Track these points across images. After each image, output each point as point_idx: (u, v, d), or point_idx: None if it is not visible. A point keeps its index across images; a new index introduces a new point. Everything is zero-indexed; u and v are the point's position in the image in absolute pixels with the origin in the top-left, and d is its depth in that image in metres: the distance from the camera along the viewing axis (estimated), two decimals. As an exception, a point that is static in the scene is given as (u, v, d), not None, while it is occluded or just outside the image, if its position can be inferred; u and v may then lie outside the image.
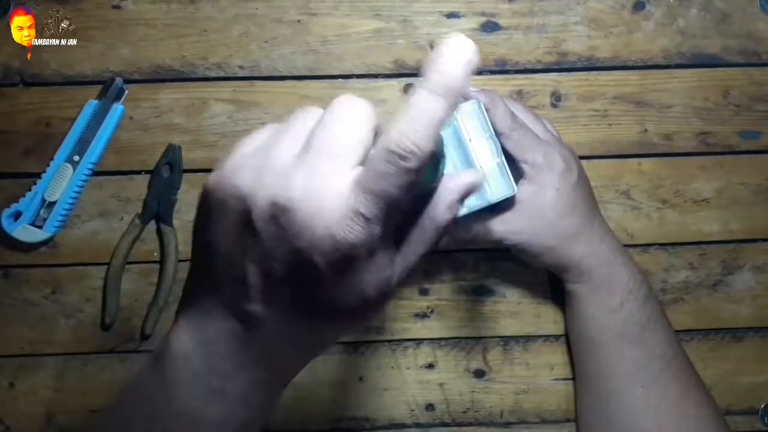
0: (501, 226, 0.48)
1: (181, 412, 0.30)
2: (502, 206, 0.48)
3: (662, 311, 0.51)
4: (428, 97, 0.25)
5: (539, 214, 0.47)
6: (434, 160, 0.28)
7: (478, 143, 0.44)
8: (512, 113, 0.47)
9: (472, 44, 0.25)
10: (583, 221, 0.49)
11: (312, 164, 0.25)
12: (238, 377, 0.29)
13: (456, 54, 0.25)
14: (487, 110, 0.46)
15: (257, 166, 0.26)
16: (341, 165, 0.25)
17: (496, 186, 0.44)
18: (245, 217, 0.26)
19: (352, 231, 0.25)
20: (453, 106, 0.25)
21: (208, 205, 0.28)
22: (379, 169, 0.25)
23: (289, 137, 0.27)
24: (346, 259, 0.25)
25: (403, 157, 0.24)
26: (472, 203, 0.46)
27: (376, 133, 0.27)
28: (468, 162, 0.45)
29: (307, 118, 0.28)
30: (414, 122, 0.25)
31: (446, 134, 0.46)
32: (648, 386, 0.49)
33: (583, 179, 0.50)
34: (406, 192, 0.25)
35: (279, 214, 0.25)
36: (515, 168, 0.48)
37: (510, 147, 0.47)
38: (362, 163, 0.26)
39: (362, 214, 0.25)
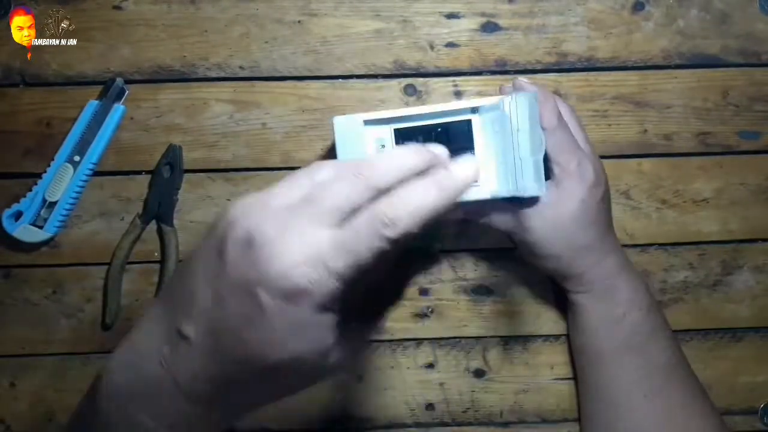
0: (516, 219, 0.48)
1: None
2: (524, 201, 0.47)
3: (665, 321, 0.51)
4: (431, 187, 0.27)
5: (558, 219, 0.47)
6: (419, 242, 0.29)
7: (524, 135, 0.43)
8: (559, 113, 0.47)
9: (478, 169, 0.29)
10: (597, 237, 0.48)
11: (298, 212, 0.27)
12: (154, 405, 0.30)
13: (468, 169, 0.28)
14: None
15: (259, 203, 0.28)
16: (323, 221, 0.27)
17: (527, 182, 0.43)
18: (224, 239, 0.27)
19: (308, 277, 0.26)
20: (447, 206, 0.27)
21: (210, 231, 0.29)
22: (359, 228, 0.26)
23: (296, 185, 0.28)
24: (291, 302, 0.26)
25: (384, 225, 0.25)
26: (495, 190, 0.46)
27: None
28: (509, 151, 0.44)
29: (323, 172, 0.29)
30: (407, 200, 0.26)
31: (491, 119, 0.45)
32: (651, 396, 0.48)
33: (607, 196, 0.49)
34: (375, 259, 0.26)
35: (248, 243, 0.26)
36: (546, 167, 0.47)
37: (548, 145, 0.46)
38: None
39: (326, 264, 0.26)
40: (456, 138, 0.46)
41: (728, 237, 0.56)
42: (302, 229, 0.26)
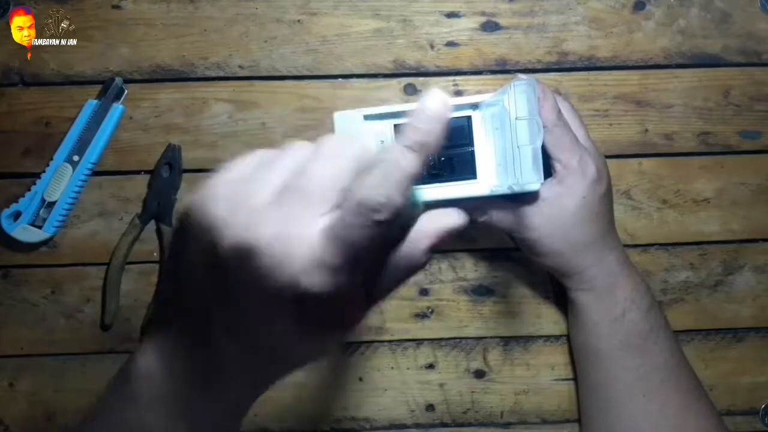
0: (516, 218, 0.48)
1: (145, 429, 0.30)
2: (524, 198, 0.47)
3: (665, 321, 0.51)
4: (401, 152, 0.25)
5: (559, 216, 0.47)
6: (407, 210, 0.28)
7: (522, 123, 0.43)
8: (559, 110, 0.46)
9: (446, 100, 0.26)
10: (598, 233, 0.48)
11: (286, 208, 0.25)
12: (197, 401, 0.30)
13: (431, 111, 0.26)
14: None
15: (234, 198, 0.26)
16: (315, 211, 0.25)
17: (525, 172, 0.43)
18: (213, 249, 0.26)
19: (317, 281, 0.24)
20: (424, 161, 0.26)
21: (183, 229, 0.28)
22: (349, 220, 0.24)
23: (270, 174, 0.26)
24: (310, 307, 0.25)
25: (373, 210, 0.24)
26: (494, 186, 0.46)
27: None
28: (508, 146, 0.44)
29: (294, 155, 0.27)
30: (386, 176, 0.25)
31: (491, 115, 0.45)
32: (649, 396, 0.48)
33: (609, 193, 0.49)
34: (375, 244, 0.25)
35: (246, 254, 0.25)
36: (547, 165, 0.47)
37: (548, 143, 0.46)
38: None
39: (329, 265, 0.24)
40: (456, 134, 0.46)
41: (729, 237, 0.56)
42: (296, 227, 0.25)
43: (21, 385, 0.55)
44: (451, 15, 0.55)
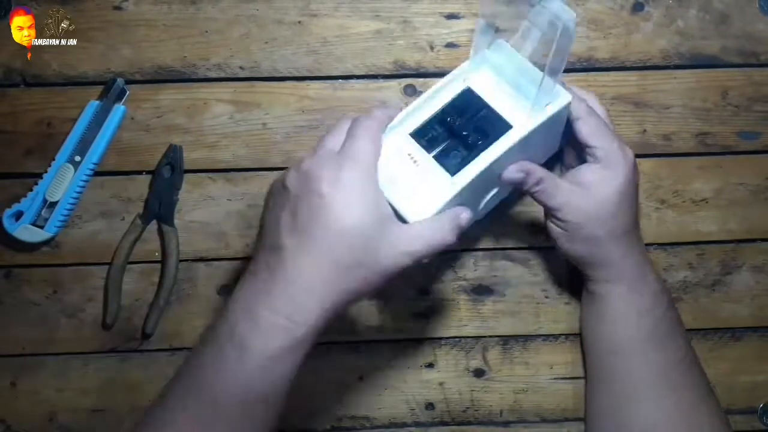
0: (565, 198, 0.47)
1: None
2: (579, 176, 0.47)
3: (680, 318, 0.51)
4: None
5: (600, 201, 0.47)
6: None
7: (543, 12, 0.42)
8: (588, 106, 0.47)
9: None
10: (631, 224, 0.49)
11: (339, 163, 0.40)
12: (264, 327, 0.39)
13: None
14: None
15: (312, 154, 0.42)
16: (359, 165, 0.40)
17: (550, 91, 0.44)
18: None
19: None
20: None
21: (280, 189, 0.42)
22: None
23: (333, 138, 0.42)
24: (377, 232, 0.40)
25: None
26: (532, 119, 0.44)
27: None
28: (519, 79, 0.45)
29: (344, 125, 0.43)
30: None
31: (484, 71, 0.46)
32: (665, 392, 0.48)
33: (638, 186, 0.49)
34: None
35: (306, 179, 0.40)
36: (583, 160, 0.48)
37: (585, 132, 0.46)
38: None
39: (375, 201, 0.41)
40: (468, 107, 0.45)
41: (727, 237, 0.56)
42: (345, 176, 0.40)
43: (23, 385, 0.56)
44: (451, 16, 0.55)
